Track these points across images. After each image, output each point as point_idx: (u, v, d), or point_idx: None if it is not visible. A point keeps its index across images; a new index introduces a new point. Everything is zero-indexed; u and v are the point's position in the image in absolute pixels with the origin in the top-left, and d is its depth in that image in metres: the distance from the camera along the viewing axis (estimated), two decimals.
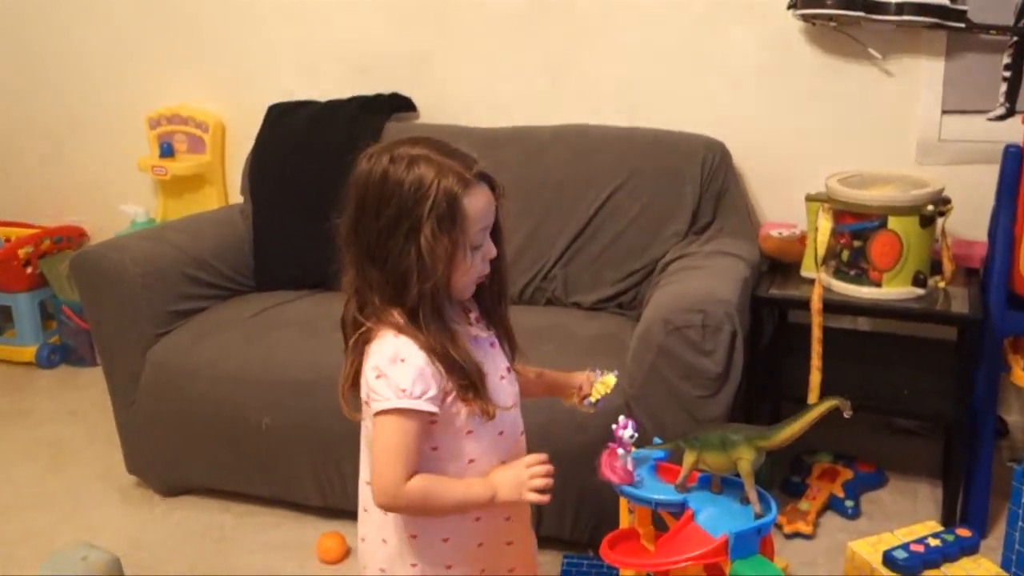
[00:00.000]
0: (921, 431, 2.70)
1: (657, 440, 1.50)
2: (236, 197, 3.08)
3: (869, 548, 1.71)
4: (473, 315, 1.41)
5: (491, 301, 1.41)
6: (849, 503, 2.36)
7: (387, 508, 1.31)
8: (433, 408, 1.30)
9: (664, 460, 1.46)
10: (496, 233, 1.36)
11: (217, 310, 2.60)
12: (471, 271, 1.33)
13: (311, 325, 2.45)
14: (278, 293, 2.70)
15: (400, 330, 1.30)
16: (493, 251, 1.35)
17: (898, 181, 2.32)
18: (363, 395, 1.33)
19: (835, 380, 2.29)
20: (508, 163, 2.57)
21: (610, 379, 1.51)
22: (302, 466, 2.34)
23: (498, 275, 1.40)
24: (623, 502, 1.47)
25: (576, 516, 2.16)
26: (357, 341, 1.34)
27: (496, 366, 1.40)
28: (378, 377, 1.30)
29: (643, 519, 1.44)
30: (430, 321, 1.29)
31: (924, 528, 1.79)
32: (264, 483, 2.42)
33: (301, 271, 2.72)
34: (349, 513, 2.35)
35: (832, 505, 2.38)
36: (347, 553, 2.25)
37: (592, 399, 1.50)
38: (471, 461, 1.38)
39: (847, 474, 2.46)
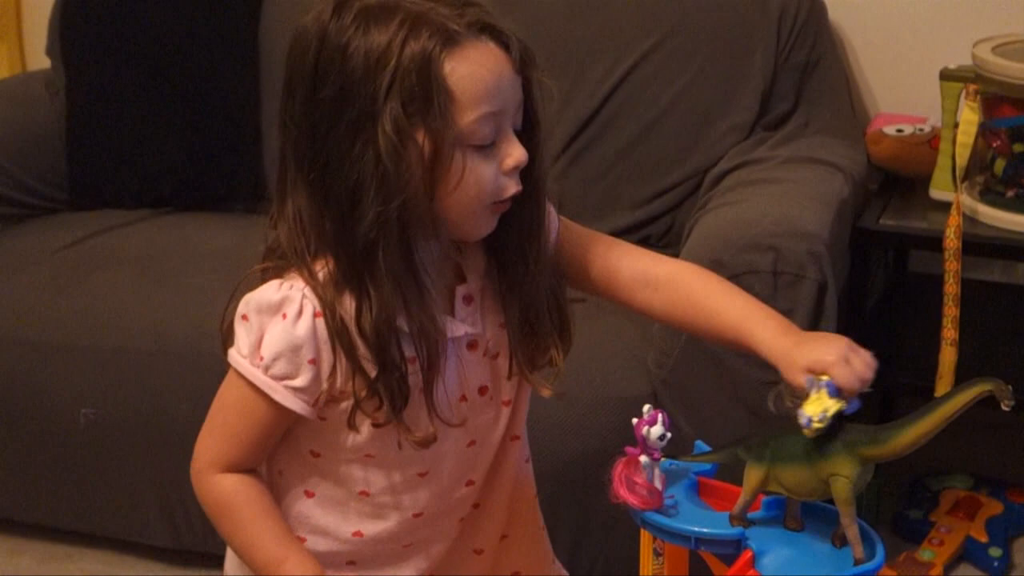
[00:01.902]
0: None
1: (701, 446, 1.51)
2: (39, 62, 3.06)
3: None
4: (463, 290, 1.38)
5: (515, 262, 1.36)
6: (995, 551, 2.38)
7: (192, 481, 1.39)
8: (288, 401, 1.32)
9: (710, 475, 1.46)
10: (528, 127, 1.32)
11: (8, 239, 2.58)
12: (474, 186, 1.27)
13: (156, 265, 2.45)
14: (104, 213, 2.70)
15: (315, 281, 1.30)
16: (519, 155, 1.29)
17: None
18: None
19: (979, 361, 2.30)
20: None
21: (827, 401, 1.32)
22: (142, 485, 2.34)
23: (528, 208, 1.34)
24: (646, 537, 1.47)
25: (573, 557, 2.16)
26: (266, 271, 1.36)
27: (456, 380, 1.38)
28: (243, 318, 1.33)
29: (676, 563, 1.45)
30: (392, 260, 1.26)
31: None
32: (83, 511, 2.42)
33: (141, 180, 2.71)
34: (216, 559, 2.35)
35: (969, 554, 2.40)
36: None
37: (809, 415, 1.30)
38: (363, 493, 1.40)
39: (993, 507, 2.48)
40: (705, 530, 1.34)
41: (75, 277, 2.43)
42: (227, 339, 1.37)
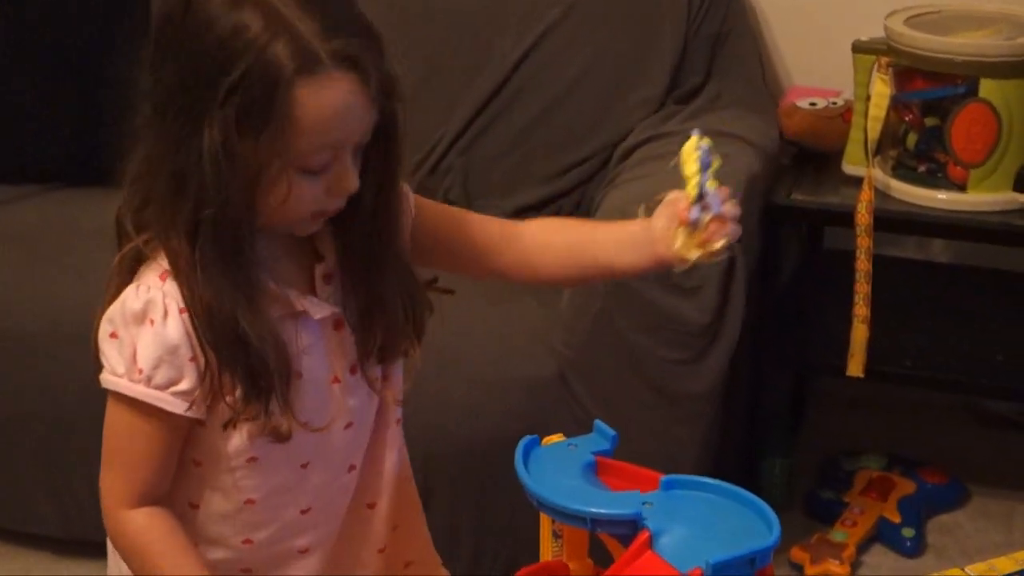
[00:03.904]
0: (1023, 420, 2.76)
1: (601, 426, 1.50)
2: None
3: None
4: (322, 269, 1.37)
5: (360, 252, 1.35)
6: (908, 531, 2.40)
7: (105, 524, 1.35)
8: (181, 408, 1.30)
9: (609, 455, 1.45)
10: (382, 155, 1.31)
11: None
12: (299, 204, 1.27)
13: (45, 243, 2.43)
14: None
15: (175, 269, 1.28)
16: (353, 184, 1.28)
17: (998, 22, 2.34)
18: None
19: (892, 339, 2.33)
20: None
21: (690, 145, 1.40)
22: (29, 473, 2.32)
23: (380, 216, 1.34)
24: (545, 520, 1.47)
25: (477, 548, 2.18)
26: (124, 259, 1.33)
27: (325, 361, 1.37)
28: (112, 336, 1.30)
29: (576, 545, 1.44)
30: (210, 263, 1.25)
31: (1014, 562, 1.82)
32: None
33: (27, 153, 2.68)
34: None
35: (882, 534, 2.42)
36: None
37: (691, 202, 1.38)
38: (249, 502, 1.38)
39: (906, 487, 2.50)
40: (601, 511, 1.34)
41: None
42: (98, 361, 1.34)
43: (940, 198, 2.30)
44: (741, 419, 2.41)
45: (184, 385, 1.29)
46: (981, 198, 2.28)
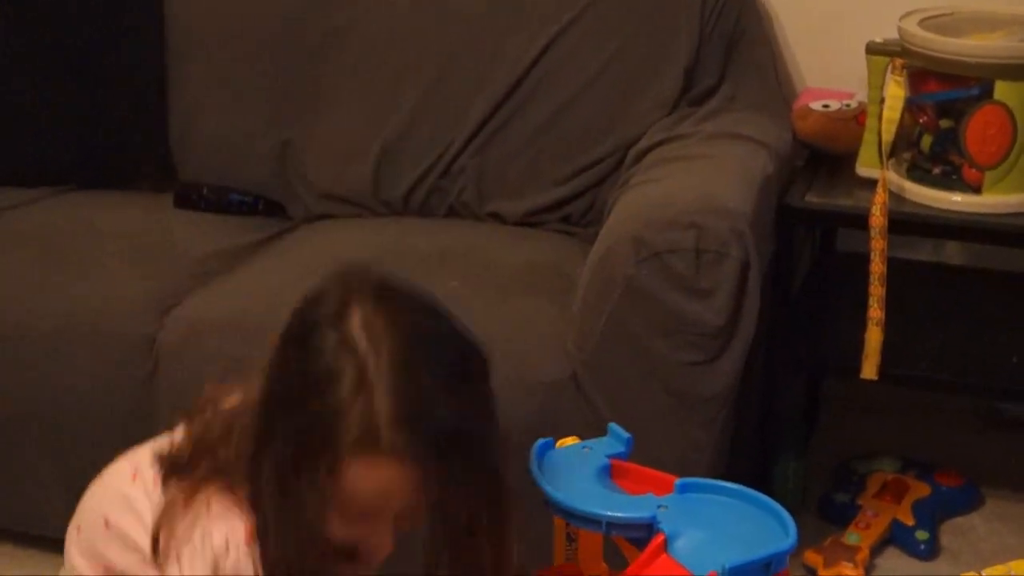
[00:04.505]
0: None
1: (616, 430, 1.51)
2: None
3: None
4: None
5: None
6: (922, 534, 2.40)
7: None
8: None
9: (624, 458, 1.47)
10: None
11: None
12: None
13: (58, 246, 2.42)
14: (2, 192, 2.65)
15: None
16: (383, 552, 1.37)
17: (1012, 23, 2.34)
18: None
19: (906, 341, 2.32)
20: None
21: None
22: (45, 474, 2.32)
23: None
24: (559, 523, 1.48)
25: None
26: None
27: None
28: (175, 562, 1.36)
29: (590, 548, 1.45)
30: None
31: None
32: None
33: (39, 156, 2.69)
34: None
35: (896, 537, 2.42)
36: None
37: None
38: None
39: (921, 490, 2.50)
40: (616, 514, 1.34)
41: None
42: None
43: (955, 200, 2.29)
44: (754, 422, 2.41)
45: None
46: (996, 200, 2.27)
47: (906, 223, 2.29)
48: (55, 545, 2.34)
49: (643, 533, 1.34)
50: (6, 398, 2.28)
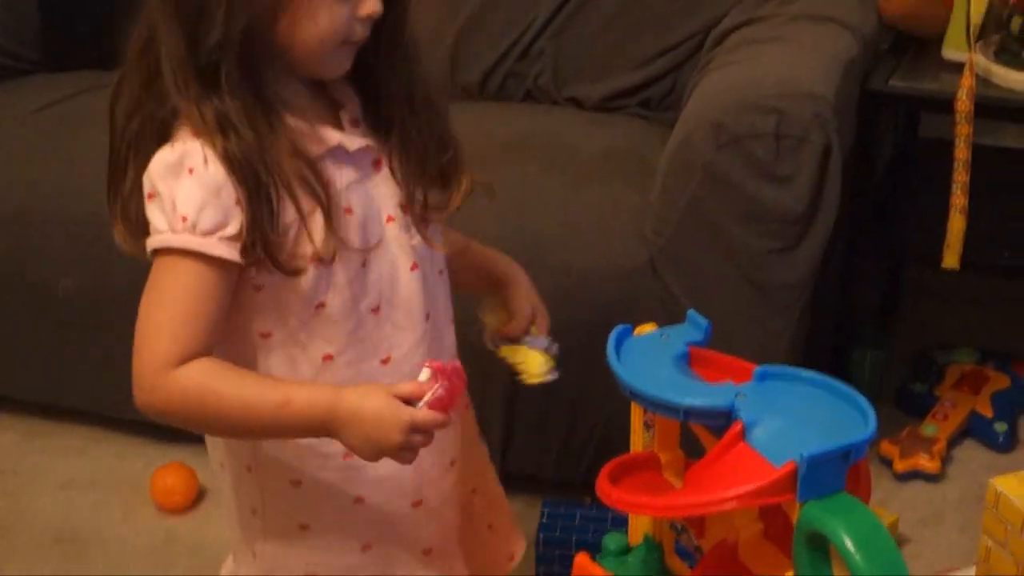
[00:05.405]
0: None
1: (694, 316, 1.51)
2: None
3: None
4: (347, 115, 1.41)
5: (386, 91, 1.40)
6: (1000, 426, 2.40)
7: (142, 405, 1.32)
8: (231, 253, 1.29)
9: (702, 345, 1.46)
10: None
11: None
12: (328, 24, 1.30)
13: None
14: (81, 74, 2.67)
15: (204, 127, 1.30)
16: (376, 6, 1.32)
17: None
18: None
19: (989, 230, 2.31)
20: None
21: (541, 360, 1.56)
22: (124, 357, 2.29)
23: (399, 54, 1.39)
24: (636, 410, 1.48)
25: (567, 438, 2.20)
26: (142, 134, 1.35)
27: (373, 197, 1.40)
28: (151, 197, 1.31)
29: (667, 435, 1.46)
30: (236, 88, 1.28)
31: None
32: (67, 386, 2.45)
33: (119, 39, 2.65)
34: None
35: (973, 429, 2.43)
36: (198, 495, 2.30)
37: (526, 375, 1.54)
38: (327, 358, 1.39)
39: (1000, 381, 2.50)
40: (694, 402, 1.34)
41: (51, 142, 2.42)
42: (126, 234, 1.36)
43: None
44: (833, 310, 2.40)
45: (231, 229, 1.29)
46: None
47: (993, 108, 2.26)
48: (133, 427, 2.42)
49: (721, 421, 1.33)
50: (85, 284, 2.32)
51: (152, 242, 1.30)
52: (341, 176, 1.36)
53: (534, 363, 1.57)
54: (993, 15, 2.28)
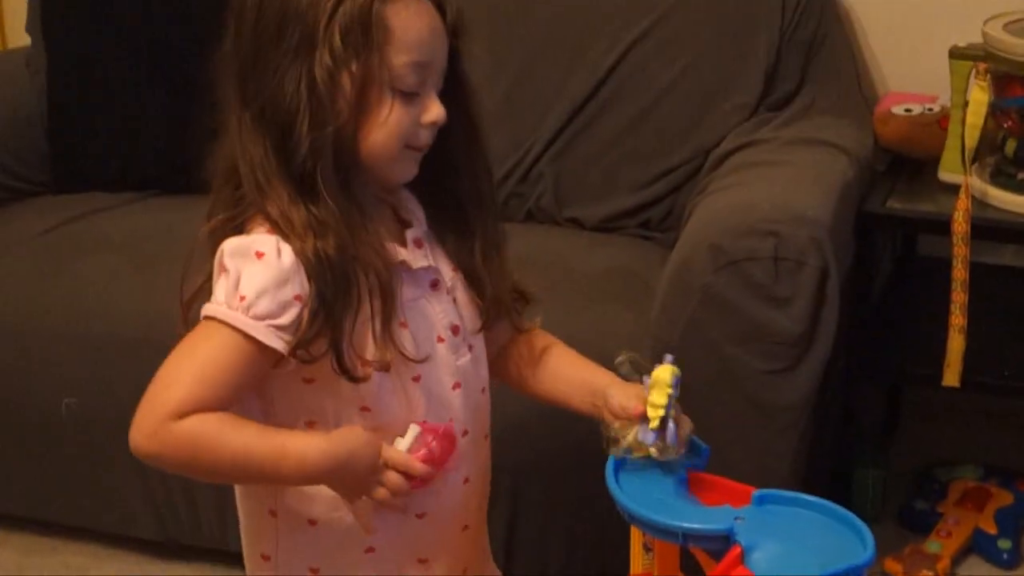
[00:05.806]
0: None
1: (696, 441, 1.52)
2: (20, 38, 3.06)
3: None
4: (412, 234, 1.46)
5: (450, 212, 1.47)
6: (1004, 543, 2.39)
7: (135, 447, 1.33)
8: (275, 342, 1.32)
9: (701, 469, 1.47)
10: (457, 92, 1.42)
11: None
12: (395, 128, 1.36)
13: (143, 250, 2.44)
14: (89, 196, 2.70)
15: (278, 223, 1.34)
16: (438, 112, 1.38)
17: None
18: None
19: (989, 349, 2.31)
20: None
21: (665, 372, 1.51)
22: (127, 475, 2.35)
23: (466, 168, 1.47)
24: (635, 534, 1.48)
25: (567, 559, 2.19)
26: (215, 232, 1.38)
27: (428, 316, 1.44)
28: (220, 274, 1.35)
29: (667, 559, 1.46)
30: (333, 190, 1.33)
31: None
32: (67, 503, 2.43)
33: (126, 161, 2.71)
34: (206, 552, 2.39)
35: (978, 546, 2.41)
36: None
37: (651, 428, 1.45)
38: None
39: (1003, 498, 2.49)
40: (693, 526, 1.35)
41: (59, 262, 2.43)
42: (188, 315, 1.39)
43: None
44: (834, 430, 2.40)
45: (284, 320, 1.31)
46: None
47: (989, 229, 2.27)
48: (136, 544, 2.40)
49: (720, 545, 1.33)
50: (89, 403, 2.31)
51: (207, 309, 1.33)
52: (403, 292, 1.39)
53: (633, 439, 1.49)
54: (988, 138, 2.30)
